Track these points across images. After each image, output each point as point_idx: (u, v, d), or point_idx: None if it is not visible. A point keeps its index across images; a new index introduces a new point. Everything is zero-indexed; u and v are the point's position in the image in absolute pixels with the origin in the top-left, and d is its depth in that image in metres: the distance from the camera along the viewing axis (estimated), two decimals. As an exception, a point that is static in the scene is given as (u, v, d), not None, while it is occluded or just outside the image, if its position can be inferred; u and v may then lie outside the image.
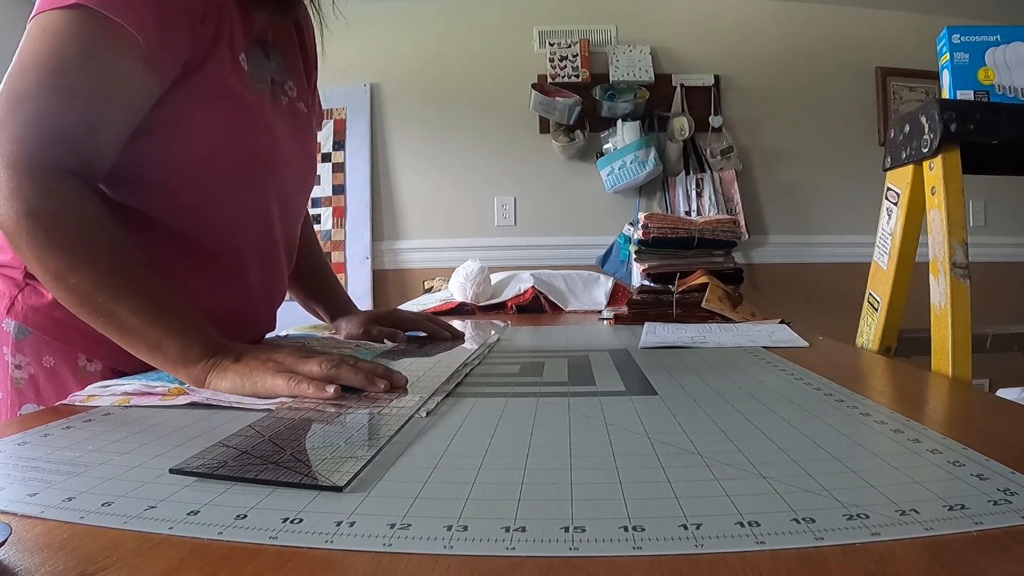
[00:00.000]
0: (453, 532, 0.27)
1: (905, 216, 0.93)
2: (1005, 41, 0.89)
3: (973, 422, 0.47)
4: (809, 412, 0.45)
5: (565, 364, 0.69)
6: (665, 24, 2.54)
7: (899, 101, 2.52)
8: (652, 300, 1.14)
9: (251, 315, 0.75)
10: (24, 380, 0.63)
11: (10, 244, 0.52)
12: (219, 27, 0.60)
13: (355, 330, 0.88)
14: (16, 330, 0.63)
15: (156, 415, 0.48)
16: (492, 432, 0.42)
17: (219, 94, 0.61)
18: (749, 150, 2.51)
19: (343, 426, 0.43)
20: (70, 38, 0.52)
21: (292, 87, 0.75)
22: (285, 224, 0.75)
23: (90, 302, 0.51)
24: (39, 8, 0.52)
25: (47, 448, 0.40)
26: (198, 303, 0.57)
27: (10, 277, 0.64)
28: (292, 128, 0.73)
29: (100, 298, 0.51)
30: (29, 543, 0.27)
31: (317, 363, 0.52)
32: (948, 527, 0.26)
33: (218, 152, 0.63)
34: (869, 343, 0.98)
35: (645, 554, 0.25)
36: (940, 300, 0.81)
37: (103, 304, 0.51)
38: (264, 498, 0.31)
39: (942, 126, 0.82)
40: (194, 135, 0.61)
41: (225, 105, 0.62)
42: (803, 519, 0.27)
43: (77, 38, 0.52)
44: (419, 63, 2.52)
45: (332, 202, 2.49)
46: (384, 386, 0.52)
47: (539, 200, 2.51)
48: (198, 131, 0.61)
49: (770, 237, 2.50)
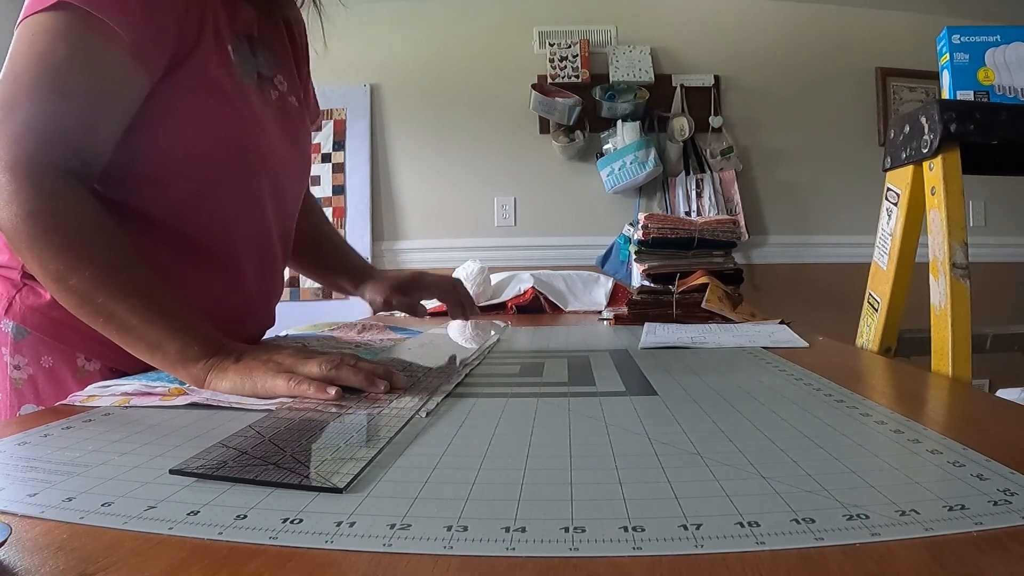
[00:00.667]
0: (453, 532, 0.27)
1: (905, 216, 0.93)
2: (1005, 41, 0.89)
3: (973, 422, 0.47)
4: (809, 412, 0.45)
5: (565, 364, 0.69)
6: (665, 24, 2.54)
7: (899, 101, 2.52)
8: (652, 300, 1.14)
9: (248, 310, 0.75)
10: (23, 380, 0.63)
11: (10, 246, 0.52)
12: (203, 19, 0.60)
13: (378, 298, 0.90)
14: (14, 330, 0.63)
15: (156, 415, 0.48)
16: (492, 432, 0.42)
17: (206, 87, 0.61)
18: (749, 150, 2.51)
19: (343, 427, 0.43)
20: (58, 39, 0.52)
21: (282, 81, 0.75)
22: (279, 217, 0.75)
23: (90, 302, 0.51)
24: (26, 12, 0.53)
25: (47, 448, 0.40)
26: (195, 300, 0.57)
27: (7, 278, 0.64)
28: (283, 121, 0.73)
29: (100, 298, 0.51)
30: (29, 543, 0.27)
31: (317, 364, 0.52)
32: (948, 527, 0.26)
33: (208, 145, 0.63)
34: (869, 343, 0.98)
35: (645, 554, 0.25)
36: (940, 300, 0.81)
37: (103, 304, 0.51)
38: (264, 498, 0.31)
39: (942, 126, 0.82)
40: (183, 128, 0.61)
41: (212, 98, 0.62)
42: (803, 519, 0.27)
43: (65, 38, 0.52)
44: (419, 63, 2.52)
45: (332, 202, 2.49)
46: (384, 387, 0.52)
47: (539, 200, 2.51)
48: (187, 124, 0.61)
49: (770, 237, 2.50)
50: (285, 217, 0.78)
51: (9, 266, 0.64)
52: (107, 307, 0.51)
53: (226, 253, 0.68)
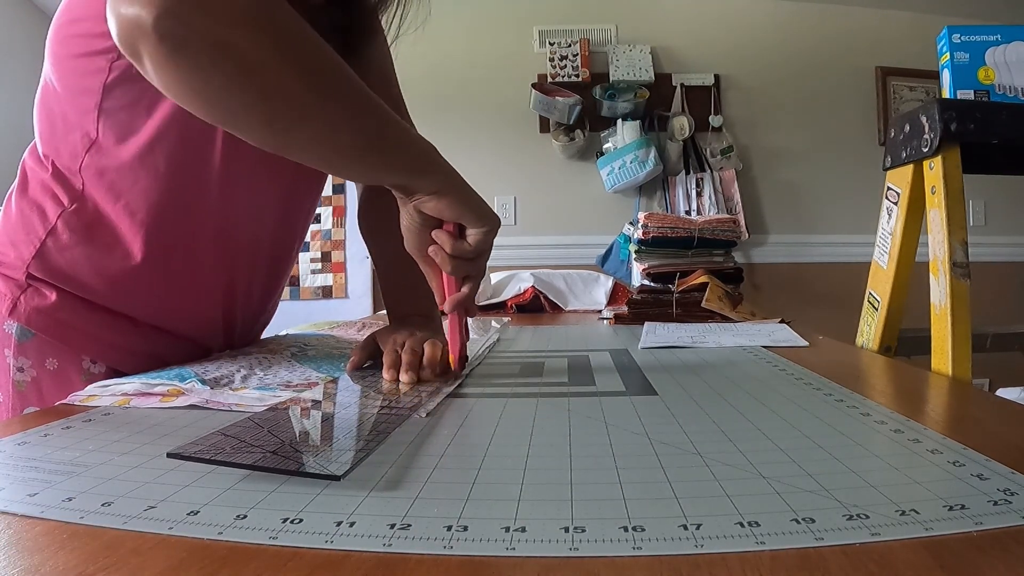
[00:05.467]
0: (453, 532, 0.27)
1: (905, 216, 0.93)
2: (1005, 41, 0.89)
3: (973, 422, 0.47)
4: (809, 411, 0.45)
5: (565, 364, 0.69)
6: (665, 24, 2.54)
7: (899, 101, 2.52)
8: (652, 300, 1.14)
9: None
10: (26, 383, 0.63)
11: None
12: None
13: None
14: (19, 332, 0.62)
15: (156, 415, 0.48)
16: (492, 432, 0.42)
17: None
18: (749, 150, 2.51)
19: (343, 421, 0.43)
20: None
21: None
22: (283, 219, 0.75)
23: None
24: None
25: (47, 448, 0.40)
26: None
27: (12, 278, 0.63)
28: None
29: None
30: (29, 543, 0.27)
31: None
32: (948, 527, 0.26)
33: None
34: (869, 343, 0.98)
35: (645, 554, 0.25)
36: (940, 300, 0.81)
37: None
38: (264, 498, 0.31)
39: (942, 126, 0.82)
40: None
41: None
42: (803, 519, 0.27)
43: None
44: (419, 62, 2.51)
45: (332, 201, 2.49)
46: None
47: (539, 200, 2.51)
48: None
49: (770, 237, 2.50)
50: (288, 222, 0.77)
51: (14, 266, 0.63)
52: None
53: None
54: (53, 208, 0.61)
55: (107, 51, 0.56)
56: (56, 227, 0.60)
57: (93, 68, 0.57)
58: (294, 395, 0.51)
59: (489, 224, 0.54)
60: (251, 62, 0.41)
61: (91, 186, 0.60)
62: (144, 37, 0.38)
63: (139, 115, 0.59)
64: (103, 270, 0.62)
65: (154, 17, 0.37)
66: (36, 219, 0.61)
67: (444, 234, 0.54)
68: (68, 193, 0.61)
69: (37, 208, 0.61)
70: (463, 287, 0.57)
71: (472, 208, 0.53)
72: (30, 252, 0.61)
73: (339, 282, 2.50)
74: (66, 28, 0.58)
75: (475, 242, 0.54)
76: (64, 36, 0.58)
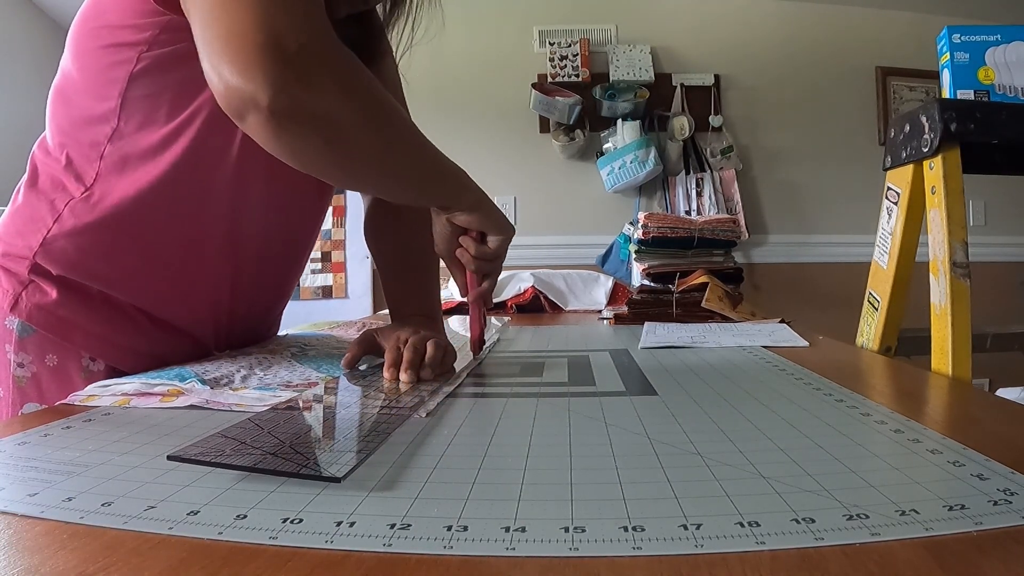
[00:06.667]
0: (453, 532, 0.27)
1: (905, 216, 0.93)
2: (1005, 41, 0.89)
3: (973, 422, 0.47)
4: (809, 412, 0.45)
5: (565, 364, 0.69)
6: (665, 24, 2.54)
7: (899, 101, 2.52)
8: (652, 300, 1.14)
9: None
10: (26, 379, 0.63)
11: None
12: None
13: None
14: (20, 328, 0.62)
15: (156, 415, 0.48)
16: (492, 432, 0.42)
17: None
18: (749, 150, 2.51)
19: (343, 422, 0.43)
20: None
21: None
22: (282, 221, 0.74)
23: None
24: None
25: (47, 448, 0.40)
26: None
27: (13, 273, 0.62)
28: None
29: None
30: (29, 543, 0.27)
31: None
32: (948, 527, 0.26)
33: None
34: (869, 343, 0.98)
35: (645, 554, 0.25)
36: (940, 300, 0.81)
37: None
38: (264, 498, 0.31)
39: (942, 126, 0.82)
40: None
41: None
42: (803, 519, 0.27)
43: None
44: (418, 62, 2.51)
45: (332, 201, 2.49)
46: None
47: (539, 200, 2.51)
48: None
49: (770, 237, 2.50)
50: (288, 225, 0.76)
51: (18, 258, 0.63)
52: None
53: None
54: (62, 197, 0.61)
55: (136, 43, 0.57)
56: (63, 214, 0.61)
57: (121, 59, 0.58)
58: (294, 395, 0.51)
59: (507, 233, 0.65)
60: (344, 128, 0.47)
61: (108, 173, 0.61)
62: (256, 111, 0.42)
63: (162, 104, 0.59)
64: (110, 256, 0.62)
65: (269, 97, 0.41)
66: (45, 209, 0.62)
67: (469, 240, 0.64)
68: (80, 182, 0.61)
69: (46, 199, 0.62)
70: (483, 283, 0.67)
71: (494, 221, 0.63)
72: (37, 240, 0.61)
73: (339, 282, 2.50)
74: (93, 20, 0.59)
75: (495, 247, 0.64)
76: (92, 28, 0.59)
